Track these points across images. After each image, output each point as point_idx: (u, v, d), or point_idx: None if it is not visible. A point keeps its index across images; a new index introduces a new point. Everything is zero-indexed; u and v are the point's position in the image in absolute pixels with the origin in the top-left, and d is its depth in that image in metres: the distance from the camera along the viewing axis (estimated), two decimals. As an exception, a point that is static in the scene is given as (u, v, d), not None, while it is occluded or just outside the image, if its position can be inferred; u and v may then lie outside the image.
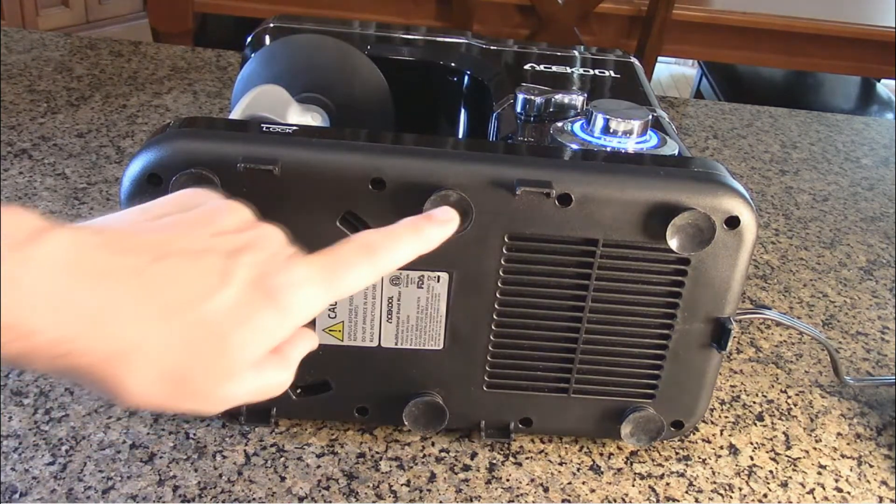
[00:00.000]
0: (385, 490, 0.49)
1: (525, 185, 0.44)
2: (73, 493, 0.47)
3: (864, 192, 0.92)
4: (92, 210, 0.72)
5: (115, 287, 0.30)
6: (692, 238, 0.46)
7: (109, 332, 0.30)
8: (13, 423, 0.51)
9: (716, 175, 0.46)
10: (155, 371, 0.31)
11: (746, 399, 0.60)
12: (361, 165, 0.44)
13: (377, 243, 0.38)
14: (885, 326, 0.70)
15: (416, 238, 0.39)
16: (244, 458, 0.50)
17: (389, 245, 0.38)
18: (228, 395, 0.34)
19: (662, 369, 0.50)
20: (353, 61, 0.58)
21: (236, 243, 0.35)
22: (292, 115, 0.50)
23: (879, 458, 0.56)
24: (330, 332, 0.49)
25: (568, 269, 0.47)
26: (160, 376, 0.31)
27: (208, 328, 0.32)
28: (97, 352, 0.30)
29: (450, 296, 0.48)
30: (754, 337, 0.67)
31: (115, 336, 0.30)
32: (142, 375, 0.31)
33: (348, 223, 0.46)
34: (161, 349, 0.31)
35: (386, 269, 0.38)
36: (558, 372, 0.50)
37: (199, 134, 0.44)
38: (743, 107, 1.12)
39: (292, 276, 0.35)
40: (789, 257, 0.78)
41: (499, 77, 0.60)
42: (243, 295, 0.33)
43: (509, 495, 0.50)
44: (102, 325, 0.30)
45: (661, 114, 0.56)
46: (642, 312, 0.49)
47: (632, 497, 0.51)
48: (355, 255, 0.37)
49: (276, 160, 0.43)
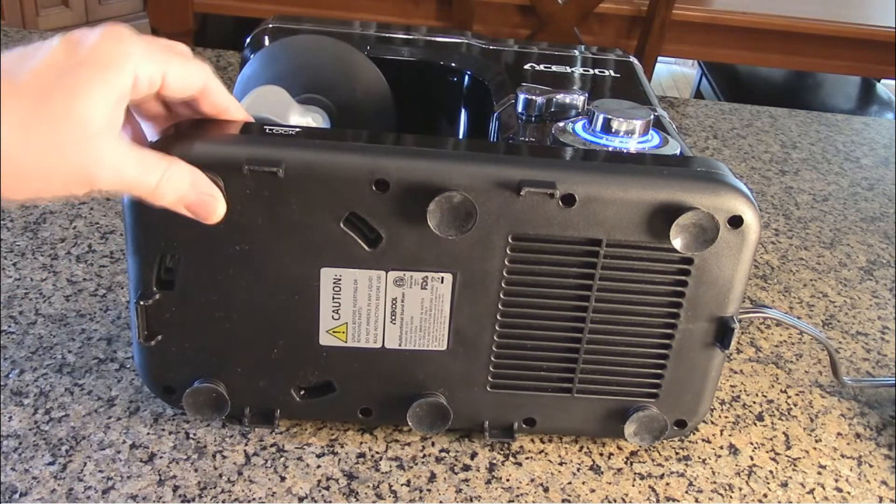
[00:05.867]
0: (385, 490, 0.49)
1: (529, 185, 0.44)
2: (73, 493, 0.47)
3: (864, 192, 0.92)
4: (92, 210, 0.72)
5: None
6: (696, 238, 0.46)
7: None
8: (13, 423, 0.51)
9: (718, 174, 0.46)
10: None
11: (746, 399, 0.60)
12: (365, 167, 0.44)
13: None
14: (885, 326, 0.70)
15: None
16: (244, 458, 0.50)
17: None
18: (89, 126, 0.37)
19: (666, 368, 0.50)
20: (354, 62, 0.58)
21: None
22: (293, 116, 0.50)
23: (879, 458, 0.56)
24: (334, 333, 0.48)
25: (571, 269, 0.47)
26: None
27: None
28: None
29: (453, 296, 0.48)
30: (754, 337, 0.67)
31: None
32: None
33: (352, 224, 0.46)
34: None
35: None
36: (562, 372, 0.50)
37: (202, 136, 0.44)
38: (743, 107, 1.12)
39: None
40: (789, 257, 0.78)
41: (499, 77, 0.60)
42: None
43: (509, 495, 0.50)
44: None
45: (661, 113, 0.56)
46: (646, 312, 0.49)
47: (632, 497, 0.51)
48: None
49: (279, 162, 0.43)
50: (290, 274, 0.47)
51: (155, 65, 0.40)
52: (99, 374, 0.55)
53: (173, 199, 0.42)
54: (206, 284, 0.47)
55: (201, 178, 0.43)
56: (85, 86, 0.37)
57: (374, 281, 0.47)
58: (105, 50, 0.38)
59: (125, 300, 0.62)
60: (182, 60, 0.42)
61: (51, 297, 0.61)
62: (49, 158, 0.37)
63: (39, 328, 0.58)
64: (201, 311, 0.48)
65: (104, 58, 0.38)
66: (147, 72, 0.40)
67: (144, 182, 0.40)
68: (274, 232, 0.45)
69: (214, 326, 0.48)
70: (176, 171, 0.42)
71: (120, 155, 0.39)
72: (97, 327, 0.59)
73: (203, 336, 0.49)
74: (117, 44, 0.39)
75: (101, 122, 0.38)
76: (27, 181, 0.37)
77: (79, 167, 0.38)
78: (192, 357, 0.49)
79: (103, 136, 0.38)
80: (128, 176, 0.39)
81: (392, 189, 0.44)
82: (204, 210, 0.43)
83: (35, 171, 0.37)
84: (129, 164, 0.39)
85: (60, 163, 0.37)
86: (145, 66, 0.40)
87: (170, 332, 0.48)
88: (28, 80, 0.37)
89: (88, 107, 0.37)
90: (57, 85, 0.37)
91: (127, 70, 0.39)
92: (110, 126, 0.38)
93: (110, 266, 0.65)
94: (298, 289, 0.47)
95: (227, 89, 0.46)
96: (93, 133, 0.37)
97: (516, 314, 0.48)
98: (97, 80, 0.38)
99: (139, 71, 0.39)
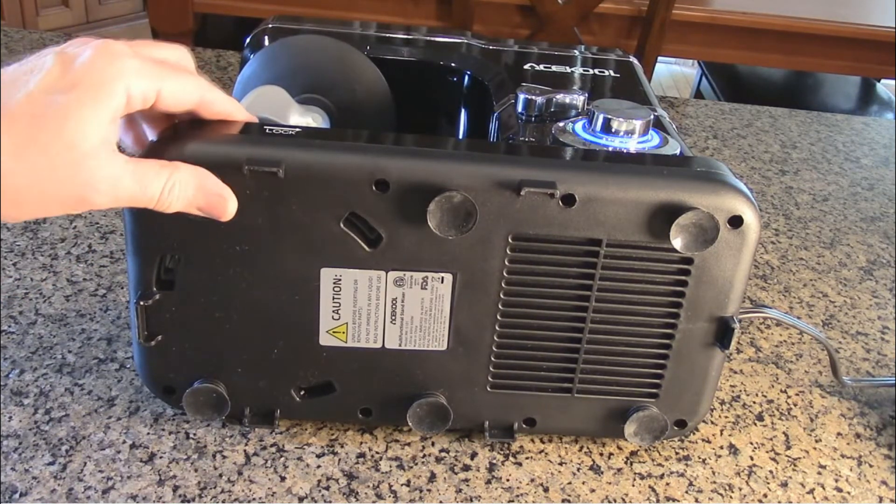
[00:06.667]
0: (385, 490, 0.49)
1: (529, 185, 0.44)
2: (73, 493, 0.47)
3: (864, 192, 0.92)
4: (92, 210, 0.72)
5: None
6: (696, 238, 0.46)
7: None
8: (13, 423, 0.51)
9: (718, 174, 0.46)
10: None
11: (746, 399, 0.60)
12: (365, 167, 0.44)
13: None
14: (885, 326, 0.70)
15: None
16: (244, 458, 0.50)
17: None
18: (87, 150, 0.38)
19: (666, 368, 0.50)
20: (354, 62, 0.58)
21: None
22: (293, 117, 0.50)
23: (879, 457, 0.56)
24: (334, 333, 0.49)
25: (572, 269, 0.47)
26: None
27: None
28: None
29: (454, 297, 0.48)
30: (754, 337, 0.67)
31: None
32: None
33: (352, 224, 0.46)
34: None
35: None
36: (562, 372, 0.50)
37: (201, 136, 0.44)
38: (743, 107, 1.12)
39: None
40: (789, 257, 0.78)
41: (499, 77, 0.60)
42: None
43: (509, 495, 0.50)
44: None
45: (661, 113, 0.56)
46: (646, 312, 0.49)
47: (632, 497, 0.51)
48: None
49: (280, 162, 0.43)
50: (290, 274, 0.47)
51: (148, 81, 0.40)
52: (99, 374, 0.55)
53: (181, 207, 0.42)
54: (206, 284, 0.47)
55: (208, 178, 0.43)
56: (76, 107, 0.37)
57: (374, 281, 0.47)
58: (97, 69, 0.38)
59: (125, 300, 0.62)
60: (176, 76, 0.42)
61: (51, 297, 0.61)
62: (43, 182, 0.37)
63: (39, 328, 0.58)
64: (201, 311, 0.48)
65: (96, 78, 0.38)
66: (140, 89, 0.40)
67: (144, 196, 0.40)
68: (274, 232, 0.45)
69: (214, 326, 0.48)
70: (180, 179, 0.41)
71: (114, 172, 0.39)
72: (97, 327, 0.59)
73: (203, 336, 0.49)
74: (109, 63, 0.39)
75: (93, 142, 0.38)
76: (24, 204, 0.37)
77: (73, 189, 0.38)
78: (192, 357, 0.49)
79: (95, 157, 0.38)
80: (125, 192, 0.39)
81: (392, 189, 0.44)
82: (215, 210, 0.43)
83: (31, 195, 0.37)
84: (125, 181, 0.39)
85: (55, 186, 0.37)
86: (138, 84, 0.39)
87: (170, 332, 0.48)
88: (22, 105, 0.37)
89: (80, 128, 0.37)
90: (50, 108, 0.37)
91: (119, 90, 0.39)
92: (103, 145, 0.38)
93: (110, 266, 0.65)
94: (298, 289, 0.47)
95: (227, 90, 0.46)
96: (84, 154, 0.37)
97: (516, 314, 0.48)
98: (88, 102, 0.38)
99: (132, 89, 0.39)
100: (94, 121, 0.38)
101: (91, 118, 0.37)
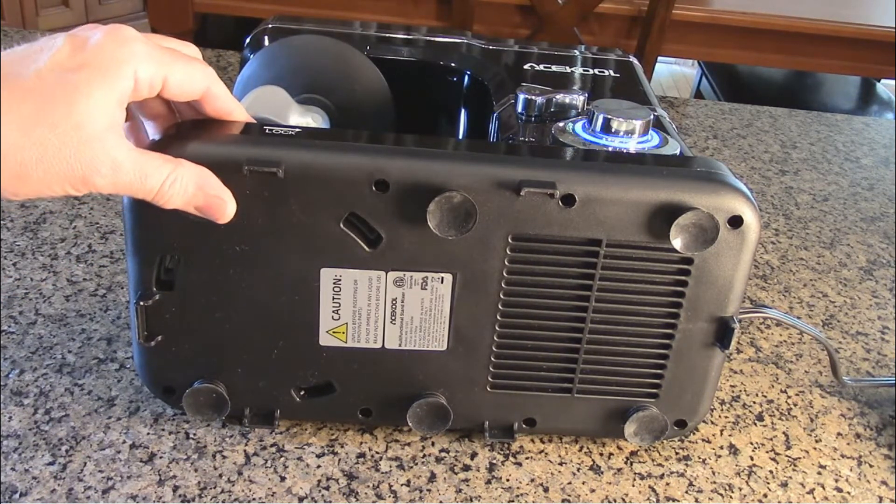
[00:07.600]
0: (385, 490, 0.49)
1: (529, 185, 0.44)
2: (73, 493, 0.47)
3: (864, 192, 0.92)
4: (92, 210, 0.72)
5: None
6: (696, 238, 0.46)
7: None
8: (13, 423, 0.51)
9: (718, 174, 0.46)
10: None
11: (746, 399, 0.60)
12: (365, 167, 0.44)
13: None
14: (885, 326, 0.70)
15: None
16: (244, 458, 0.50)
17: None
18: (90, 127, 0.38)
19: (666, 368, 0.50)
20: (354, 62, 0.58)
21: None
22: (293, 117, 0.50)
23: (879, 458, 0.56)
24: (334, 333, 0.48)
25: (571, 269, 0.47)
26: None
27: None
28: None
29: (453, 297, 0.48)
30: (754, 337, 0.67)
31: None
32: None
33: (352, 225, 0.46)
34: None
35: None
36: (562, 372, 0.50)
37: (202, 136, 0.44)
38: (743, 107, 1.12)
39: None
40: (789, 257, 0.78)
41: (499, 77, 0.60)
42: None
43: (509, 495, 0.50)
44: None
45: (661, 113, 0.56)
46: (646, 312, 0.49)
47: (632, 497, 0.51)
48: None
49: (279, 162, 0.43)
50: (290, 274, 0.47)
51: (156, 67, 0.40)
52: (99, 374, 0.55)
53: (180, 203, 0.42)
54: (206, 285, 0.47)
55: (210, 179, 0.43)
56: (85, 88, 0.37)
57: (374, 281, 0.47)
58: (107, 51, 0.38)
59: (125, 300, 0.62)
60: (185, 63, 0.42)
61: (51, 297, 0.61)
62: (50, 158, 0.37)
63: (39, 328, 0.58)
64: (201, 311, 0.48)
65: (106, 60, 0.38)
66: (148, 74, 0.40)
67: (144, 186, 0.40)
68: (274, 232, 0.45)
69: (214, 327, 0.48)
70: (181, 175, 0.42)
71: (118, 157, 0.39)
72: (97, 327, 0.59)
73: (203, 336, 0.49)
74: (119, 46, 0.39)
75: (101, 124, 0.38)
76: (27, 181, 0.37)
77: (76, 169, 0.38)
78: (191, 357, 0.49)
79: (102, 138, 0.38)
80: (125, 178, 0.39)
81: (392, 189, 0.44)
82: (213, 212, 0.43)
83: (34, 172, 0.37)
84: (127, 166, 0.39)
85: (59, 164, 0.37)
86: (146, 69, 0.40)
87: (170, 332, 0.48)
88: (32, 81, 0.37)
89: (88, 109, 0.37)
90: (59, 87, 0.37)
91: (128, 73, 0.39)
92: (110, 128, 0.38)
93: (110, 266, 0.65)
94: (298, 289, 0.47)
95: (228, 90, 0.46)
96: (91, 135, 0.38)
97: (516, 314, 0.48)
98: (97, 83, 0.38)
99: (140, 73, 0.39)
100: (102, 101, 0.38)
101: (99, 99, 0.38)
